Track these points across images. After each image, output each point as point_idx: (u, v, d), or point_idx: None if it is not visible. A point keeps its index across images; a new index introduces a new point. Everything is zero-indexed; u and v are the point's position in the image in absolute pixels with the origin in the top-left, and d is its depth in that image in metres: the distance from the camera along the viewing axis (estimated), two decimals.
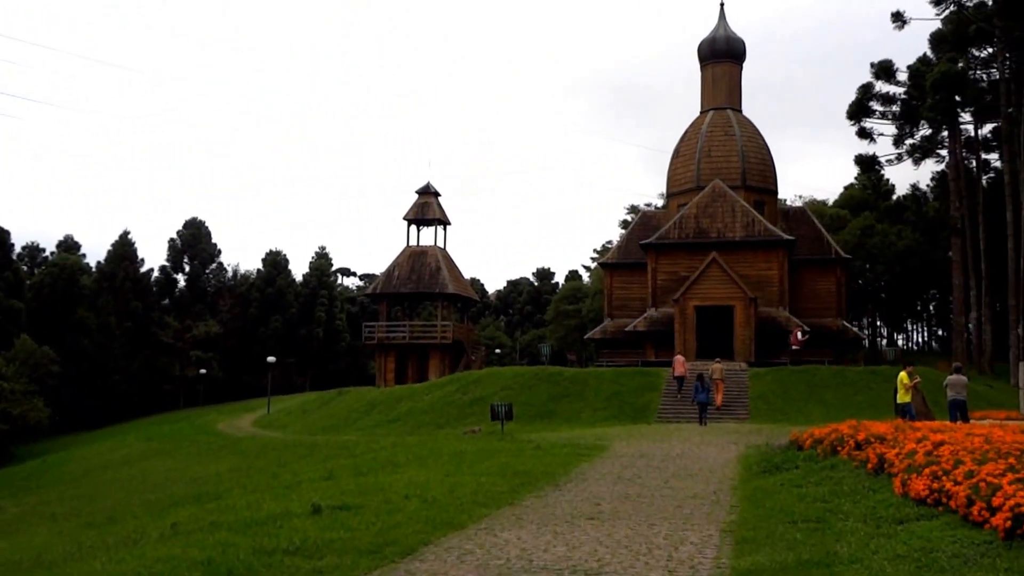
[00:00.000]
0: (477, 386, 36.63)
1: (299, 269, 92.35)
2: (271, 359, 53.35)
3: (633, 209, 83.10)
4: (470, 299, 57.39)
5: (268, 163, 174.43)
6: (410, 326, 54.57)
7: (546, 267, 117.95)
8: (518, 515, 10.65)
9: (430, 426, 32.64)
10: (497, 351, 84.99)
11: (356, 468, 17.54)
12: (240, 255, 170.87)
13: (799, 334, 39.33)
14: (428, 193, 54.30)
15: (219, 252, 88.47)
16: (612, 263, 48.93)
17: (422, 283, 52.38)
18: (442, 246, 54.78)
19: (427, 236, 54.72)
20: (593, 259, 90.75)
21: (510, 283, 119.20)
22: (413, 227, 54.49)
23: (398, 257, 53.76)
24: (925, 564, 7.28)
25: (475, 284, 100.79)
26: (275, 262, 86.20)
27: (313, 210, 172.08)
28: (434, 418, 33.98)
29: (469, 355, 53.60)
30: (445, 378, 42.87)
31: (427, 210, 53.80)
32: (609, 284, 48.71)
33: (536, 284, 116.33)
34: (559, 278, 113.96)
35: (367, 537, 9.07)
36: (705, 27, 50.99)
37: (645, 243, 44.39)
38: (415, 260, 53.31)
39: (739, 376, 34.40)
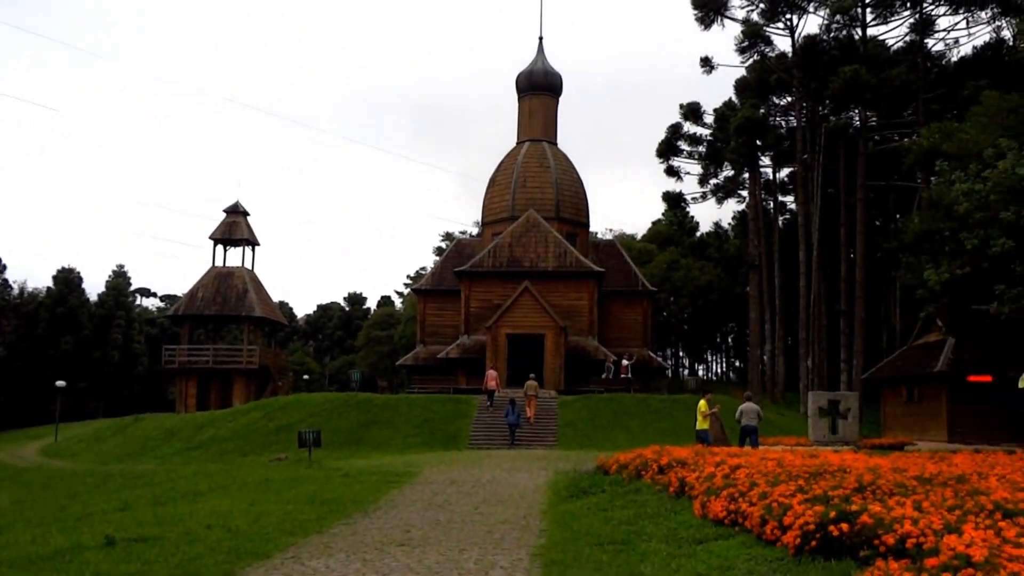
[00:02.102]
0: (284, 413, 35.51)
1: (95, 288, 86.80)
2: (61, 383, 49.54)
3: (448, 236, 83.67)
4: (278, 323, 55.71)
5: (63, 175, 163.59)
6: (214, 350, 52.27)
7: (358, 292, 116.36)
8: (326, 543, 10.30)
9: (234, 454, 31.33)
10: (305, 377, 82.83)
11: (154, 498, 16.61)
12: (28, 272, 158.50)
13: (624, 361, 40.69)
14: (237, 212, 52.45)
15: (4, 268, 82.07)
16: (426, 289, 48.88)
17: (228, 305, 50.39)
18: (250, 267, 52.97)
19: (235, 257, 52.94)
20: (407, 285, 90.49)
21: (320, 307, 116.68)
22: (220, 247, 52.42)
23: (203, 278, 51.51)
24: None
25: (284, 307, 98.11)
26: (67, 280, 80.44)
27: (111, 227, 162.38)
28: (238, 445, 32.63)
29: (276, 381, 51.93)
30: (250, 404, 41.29)
31: (235, 230, 51.93)
32: (422, 310, 48.59)
33: (347, 309, 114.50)
34: (371, 303, 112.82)
35: (166, 570, 8.59)
36: (524, 59, 52.49)
37: (459, 270, 44.66)
38: (221, 281, 51.25)
39: (548, 404, 35.04)
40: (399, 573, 8.51)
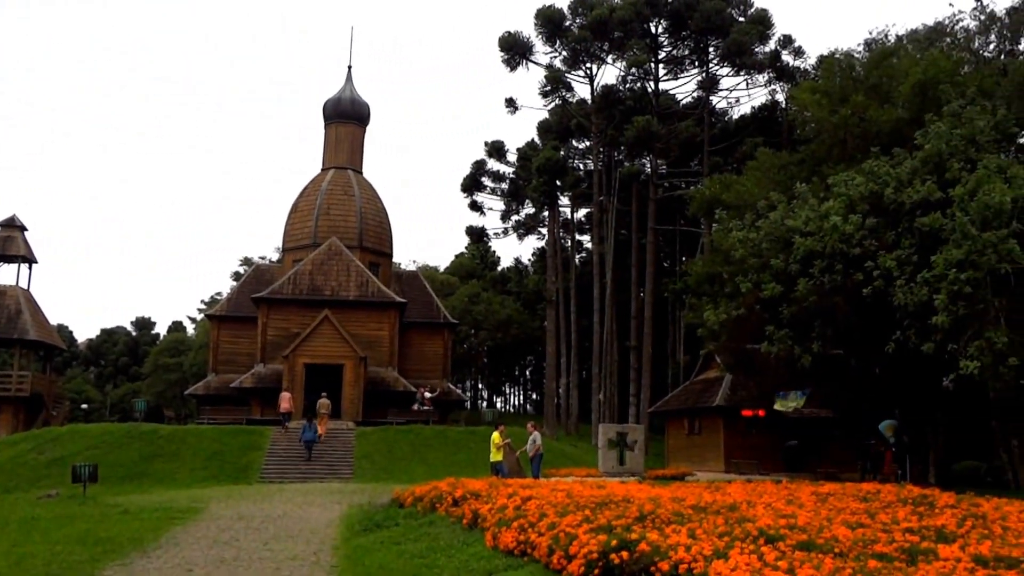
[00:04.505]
0: (57, 445, 32.96)
1: None
2: None
3: (247, 261, 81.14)
4: (55, 347, 51.75)
5: None
6: None
7: (147, 316, 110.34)
8: None
9: None
10: (84, 406, 77.31)
11: None
12: None
13: (427, 393, 40.56)
14: (13, 226, 48.46)
15: None
16: (221, 315, 46.99)
17: None
18: (25, 286, 49.05)
19: (8, 274, 48.84)
20: (200, 310, 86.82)
21: (104, 331, 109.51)
22: None
23: None
24: None
25: (63, 331, 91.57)
26: None
27: None
28: (2, 481, 29.86)
29: (49, 410, 48.14)
30: (18, 435, 37.99)
31: (10, 245, 47.94)
32: (216, 337, 46.66)
33: (134, 334, 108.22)
34: (161, 328, 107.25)
35: None
36: (332, 86, 52.16)
37: (257, 297, 43.32)
38: None
39: (346, 435, 34.50)
40: None
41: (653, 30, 58.43)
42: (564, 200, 64.20)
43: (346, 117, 49.84)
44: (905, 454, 26.95)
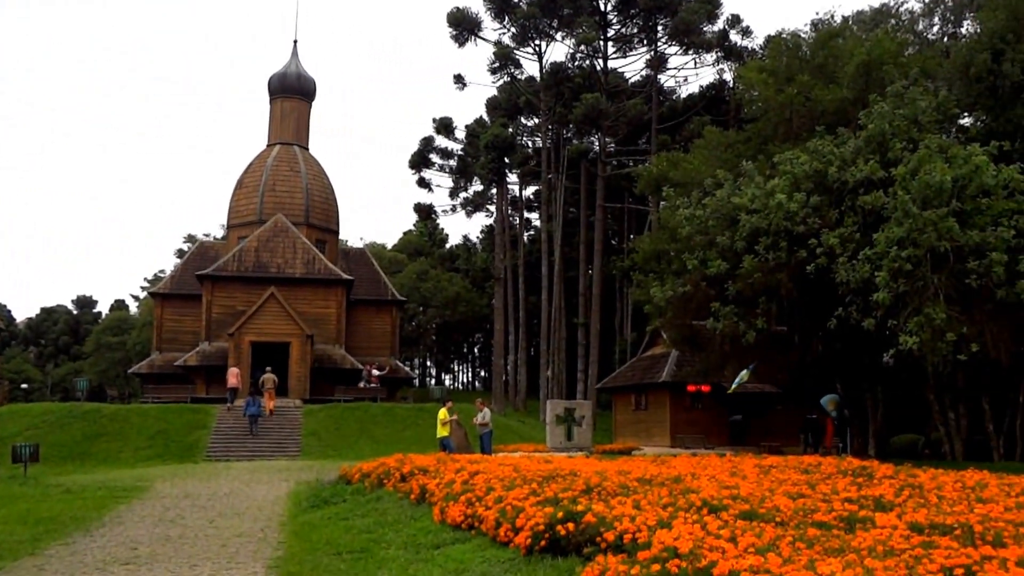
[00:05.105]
0: None
1: None
2: None
3: (191, 238, 79.86)
4: None
5: None
6: None
7: (88, 295, 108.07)
8: (40, 566, 9.54)
9: None
10: (24, 386, 75.66)
11: None
12: None
13: (375, 371, 40.33)
14: None
15: None
16: (164, 293, 46.20)
17: None
18: None
19: None
20: (144, 288, 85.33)
21: (44, 310, 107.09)
22: None
23: None
24: None
25: (1, 310, 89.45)
26: None
27: None
28: None
29: None
30: None
31: None
32: (160, 315, 45.89)
33: (75, 313, 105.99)
34: (103, 307, 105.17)
35: None
36: (278, 60, 51.33)
37: (201, 274, 42.64)
38: None
39: (293, 413, 34.26)
40: None
41: (602, 7, 58.41)
42: (512, 177, 64.15)
43: (292, 92, 49.12)
44: (846, 427, 27.56)
